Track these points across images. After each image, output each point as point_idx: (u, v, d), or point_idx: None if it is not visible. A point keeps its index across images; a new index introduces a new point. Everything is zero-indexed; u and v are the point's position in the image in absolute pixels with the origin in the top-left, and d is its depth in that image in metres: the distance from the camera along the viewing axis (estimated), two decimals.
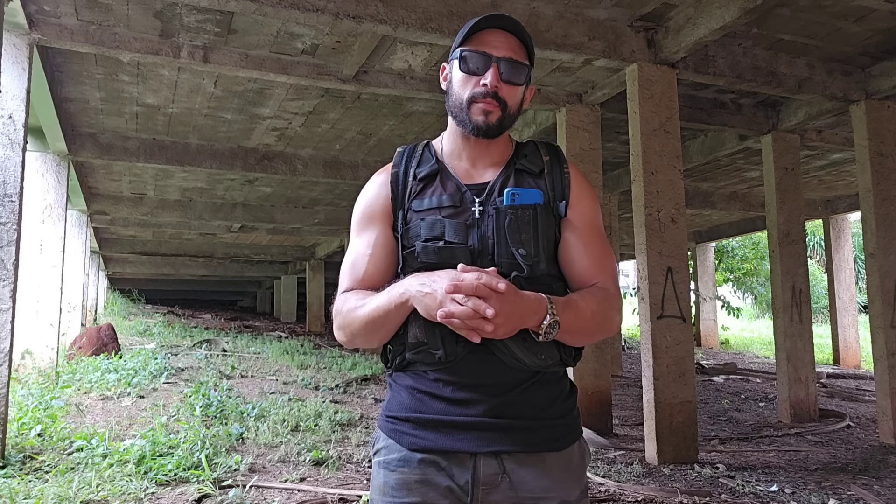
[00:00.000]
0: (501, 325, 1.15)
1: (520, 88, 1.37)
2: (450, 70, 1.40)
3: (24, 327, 7.37)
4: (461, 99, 1.35)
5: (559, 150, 1.46)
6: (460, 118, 1.36)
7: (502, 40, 1.34)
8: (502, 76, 1.33)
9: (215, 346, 12.43)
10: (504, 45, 1.34)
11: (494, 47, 1.34)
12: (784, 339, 7.25)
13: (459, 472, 1.28)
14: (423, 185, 1.38)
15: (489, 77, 1.32)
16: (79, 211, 12.19)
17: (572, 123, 6.52)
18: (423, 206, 1.36)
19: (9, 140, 4.84)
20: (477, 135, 1.35)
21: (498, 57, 1.33)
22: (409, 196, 1.38)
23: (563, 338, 1.27)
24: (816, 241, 24.06)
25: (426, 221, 1.33)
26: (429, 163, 1.41)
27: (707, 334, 16.90)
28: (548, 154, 1.43)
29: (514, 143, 1.46)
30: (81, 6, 4.94)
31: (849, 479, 4.79)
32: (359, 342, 1.37)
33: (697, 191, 11.58)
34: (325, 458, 4.81)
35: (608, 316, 1.34)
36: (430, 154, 1.43)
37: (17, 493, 3.75)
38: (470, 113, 1.34)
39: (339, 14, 4.52)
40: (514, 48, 1.35)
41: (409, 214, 1.37)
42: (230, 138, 8.44)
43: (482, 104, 1.33)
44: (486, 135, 1.35)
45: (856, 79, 6.25)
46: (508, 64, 1.33)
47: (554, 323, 1.22)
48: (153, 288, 29.55)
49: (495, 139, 1.39)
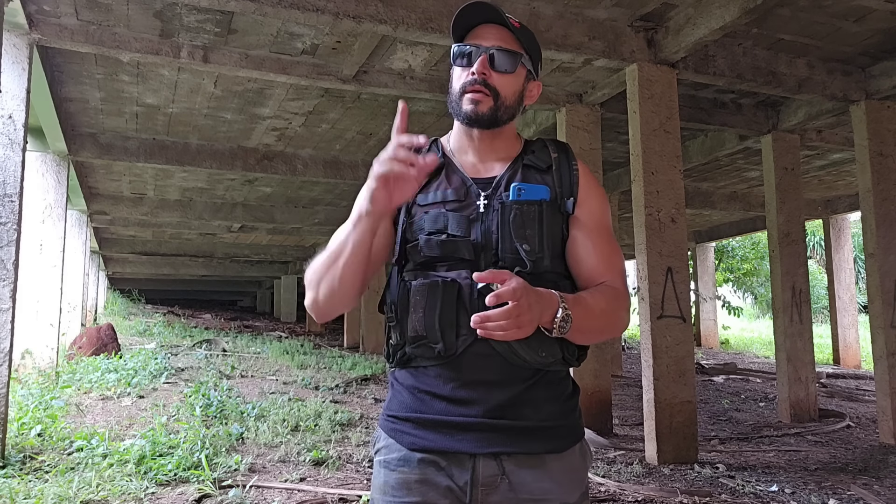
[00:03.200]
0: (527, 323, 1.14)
1: (513, 77, 1.37)
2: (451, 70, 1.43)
3: (24, 327, 7.37)
4: (455, 91, 1.38)
5: (568, 147, 1.45)
6: (455, 110, 1.38)
7: (493, 32, 1.37)
8: (492, 64, 1.34)
9: (215, 346, 12.43)
10: (494, 36, 1.36)
11: (484, 39, 1.36)
12: (784, 339, 7.24)
13: (459, 473, 1.28)
14: (428, 180, 1.38)
15: (476, 65, 1.34)
16: (79, 211, 12.19)
17: (572, 123, 6.52)
18: (427, 201, 1.36)
19: (9, 140, 4.84)
20: (469, 124, 1.37)
21: (487, 46, 1.35)
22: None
23: (572, 336, 1.26)
24: (816, 241, 24.05)
25: (430, 215, 1.33)
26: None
27: (707, 334, 16.90)
28: (556, 151, 1.42)
29: (523, 141, 1.46)
30: (81, 6, 4.94)
31: (849, 479, 4.79)
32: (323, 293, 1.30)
33: (697, 191, 11.58)
34: (325, 458, 4.81)
35: (617, 315, 1.33)
36: (436, 149, 1.44)
37: (17, 493, 3.75)
38: (461, 102, 1.36)
39: (339, 14, 4.52)
40: (505, 38, 1.37)
41: (413, 208, 1.37)
42: (230, 138, 8.44)
43: (471, 93, 1.34)
44: (479, 123, 1.36)
45: (856, 79, 6.25)
46: (498, 52, 1.35)
47: (567, 317, 1.21)
48: (153, 288, 29.55)
49: (501, 135, 1.40)
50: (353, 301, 1.35)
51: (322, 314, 1.35)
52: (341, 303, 1.33)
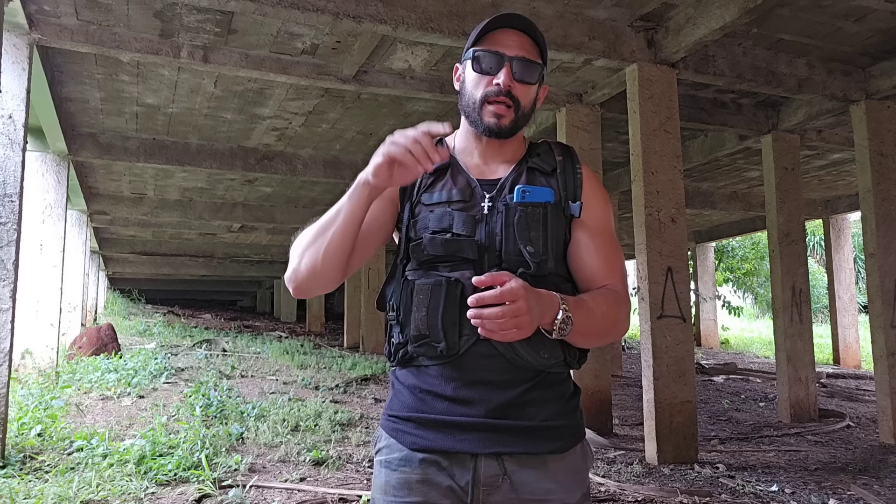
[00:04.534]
0: (527, 324, 1.14)
1: (533, 87, 1.37)
2: (463, 70, 1.41)
3: (24, 327, 7.37)
4: (474, 99, 1.35)
5: (573, 150, 1.45)
6: (473, 118, 1.36)
7: (515, 40, 1.34)
8: (515, 75, 1.33)
9: (215, 346, 12.43)
10: (516, 44, 1.34)
11: (507, 47, 1.34)
12: (784, 339, 7.25)
13: (460, 473, 1.28)
14: (433, 179, 1.38)
15: (502, 76, 1.32)
16: (79, 211, 12.19)
17: (572, 123, 6.52)
18: (432, 200, 1.36)
19: (9, 140, 4.84)
20: (489, 136, 1.36)
21: (511, 56, 1.33)
22: (419, 189, 1.38)
23: (572, 338, 1.26)
24: (816, 241, 24.06)
25: (435, 213, 1.33)
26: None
27: (707, 334, 16.90)
28: (561, 154, 1.42)
29: (528, 143, 1.46)
30: (81, 6, 4.94)
31: (849, 479, 4.79)
32: (306, 264, 1.29)
33: (697, 191, 11.58)
34: (325, 458, 4.80)
35: (618, 318, 1.33)
36: (442, 149, 1.43)
37: (17, 493, 3.75)
38: (482, 113, 1.34)
39: (339, 14, 4.52)
40: (527, 47, 1.35)
41: (417, 207, 1.37)
42: (230, 138, 8.44)
43: (494, 105, 1.33)
44: (499, 136, 1.35)
45: (856, 79, 6.25)
46: (521, 63, 1.33)
47: (567, 318, 1.21)
48: (153, 288, 29.54)
49: (509, 139, 1.39)
50: (334, 280, 1.32)
51: (300, 287, 1.33)
52: (323, 276, 1.31)
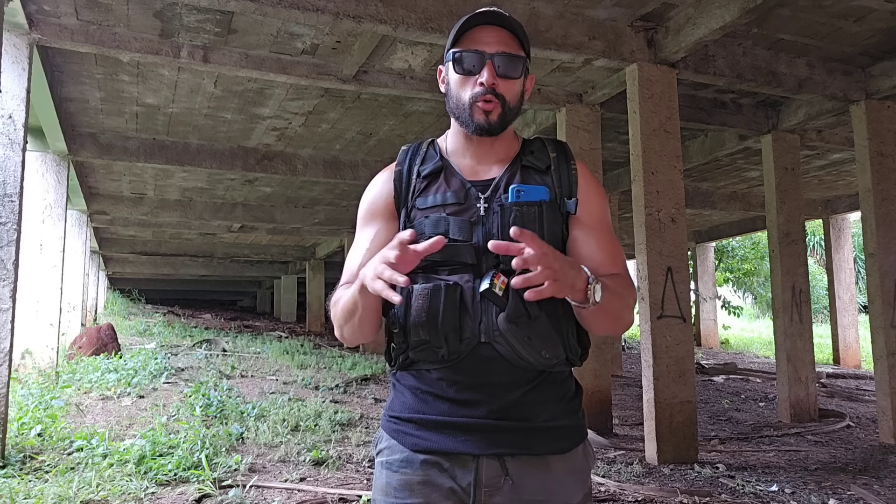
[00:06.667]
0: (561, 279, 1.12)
1: (518, 81, 1.36)
2: (446, 72, 1.40)
3: (24, 327, 7.37)
4: (462, 101, 1.35)
5: (566, 146, 1.44)
6: (462, 119, 1.36)
7: (494, 35, 1.33)
8: (498, 71, 1.32)
9: (215, 346, 12.43)
10: (496, 39, 1.33)
11: (487, 44, 1.33)
12: (784, 339, 7.25)
13: (462, 474, 1.27)
14: (427, 183, 1.37)
15: (485, 74, 1.31)
16: (79, 211, 12.18)
17: (572, 123, 6.52)
18: (427, 204, 1.35)
19: (9, 140, 4.84)
20: (481, 134, 1.35)
21: (491, 53, 1.32)
22: (413, 194, 1.37)
23: (594, 317, 1.25)
24: (816, 241, 24.06)
25: (430, 219, 1.32)
26: (433, 160, 1.40)
27: (707, 334, 16.90)
28: (555, 151, 1.41)
29: (521, 140, 1.45)
30: (81, 6, 4.94)
31: (849, 479, 4.79)
32: (347, 334, 1.37)
33: (697, 191, 11.58)
34: (325, 458, 4.80)
35: (629, 303, 1.33)
36: (434, 152, 1.42)
37: (17, 493, 3.75)
38: (472, 113, 1.33)
39: (339, 14, 4.52)
40: (507, 41, 1.34)
41: (412, 212, 1.36)
42: (230, 138, 8.44)
43: (482, 103, 1.32)
44: (490, 133, 1.35)
45: (856, 79, 6.25)
46: (503, 58, 1.32)
47: (598, 285, 1.20)
48: (153, 288, 29.53)
49: (500, 136, 1.38)
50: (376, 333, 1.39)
51: (351, 344, 1.46)
52: (366, 338, 1.38)
